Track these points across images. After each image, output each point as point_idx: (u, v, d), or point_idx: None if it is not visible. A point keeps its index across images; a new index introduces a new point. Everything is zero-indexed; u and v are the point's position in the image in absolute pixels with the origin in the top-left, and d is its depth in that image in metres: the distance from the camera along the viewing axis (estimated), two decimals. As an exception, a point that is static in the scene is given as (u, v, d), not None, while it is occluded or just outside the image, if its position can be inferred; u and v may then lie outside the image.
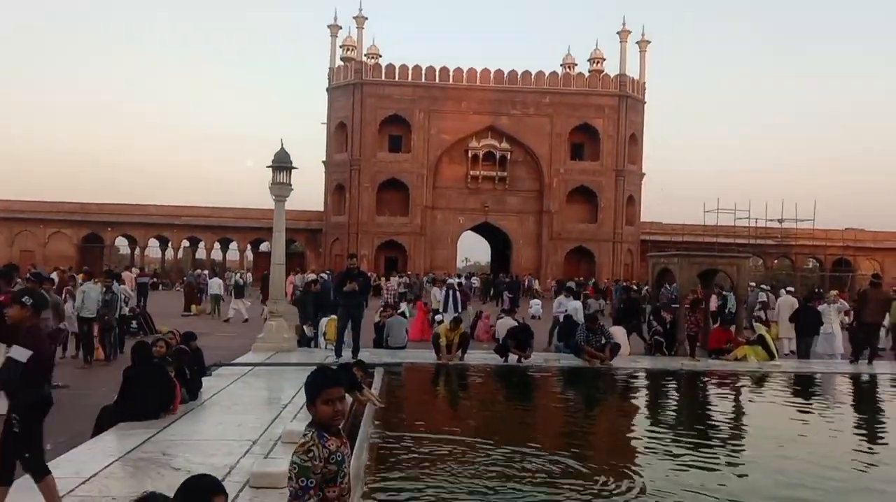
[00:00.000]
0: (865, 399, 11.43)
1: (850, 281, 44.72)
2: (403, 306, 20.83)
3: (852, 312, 15.79)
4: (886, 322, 15.30)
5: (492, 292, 34.48)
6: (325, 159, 47.20)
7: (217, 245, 49.59)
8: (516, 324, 14.06)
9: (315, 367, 3.49)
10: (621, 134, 45.98)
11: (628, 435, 8.32)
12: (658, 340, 14.20)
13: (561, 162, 45.63)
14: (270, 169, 12.81)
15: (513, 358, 12.30)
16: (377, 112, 44.83)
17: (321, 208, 47.91)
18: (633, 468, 6.44)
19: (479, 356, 12.99)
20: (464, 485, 5.58)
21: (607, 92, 45.95)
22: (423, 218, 45.14)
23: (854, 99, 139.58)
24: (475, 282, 39.75)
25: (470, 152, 45.19)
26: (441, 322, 13.96)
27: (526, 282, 37.07)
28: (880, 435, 8.68)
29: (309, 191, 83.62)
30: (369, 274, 21.74)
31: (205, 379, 8.97)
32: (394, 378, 10.71)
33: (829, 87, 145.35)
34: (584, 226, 46.32)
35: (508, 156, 45.41)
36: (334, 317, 12.90)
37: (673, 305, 15.21)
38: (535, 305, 25.77)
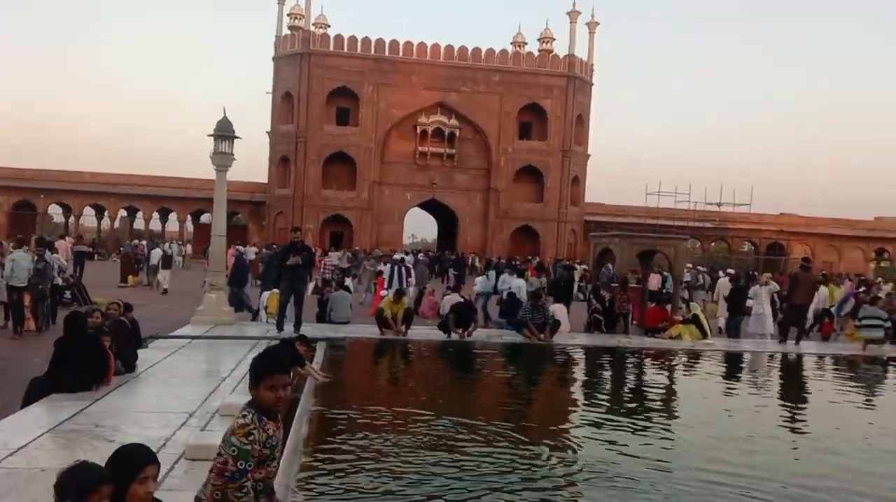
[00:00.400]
0: (791, 376, 11.97)
1: (782, 264, 46.50)
2: (348, 281, 20.72)
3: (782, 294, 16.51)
4: (814, 303, 16.09)
5: (437, 269, 34.58)
6: (269, 130, 46.30)
7: (156, 215, 48.25)
8: (461, 300, 14.19)
9: (255, 341, 3.48)
10: (569, 115, 46.42)
11: (568, 408, 8.53)
12: (597, 318, 14.55)
13: (509, 141, 45.84)
14: (212, 138, 12.50)
15: (455, 334, 12.41)
16: (325, 83, 44.12)
17: (265, 180, 47.06)
18: (573, 440, 6.64)
19: (423, 331, 13.06)
20: (403, 454, 5.64)
21: (556, 72, 46.25)
22: (370, 193, 44.85)
23: (792, 88, 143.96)
24: (421, 258, 39.75)
25: (419, 128, 44.97)
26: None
27: (469, 260, 37.27)
28: (801, 409, 9.14)
29: (253, 163, 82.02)
30: (314, 248, 21.50)
31: (141, 352, 8.79)
32: (337, 352, 10.69)
33: (768, 77, 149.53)
34: (530, 206, 46.77)
35: (457, 134, 45.37)
36: (276, 290, 12.76)
37: (612, 284, 15.56)
38: (480, 282, 25.93)
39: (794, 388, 10.93)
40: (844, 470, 6.09)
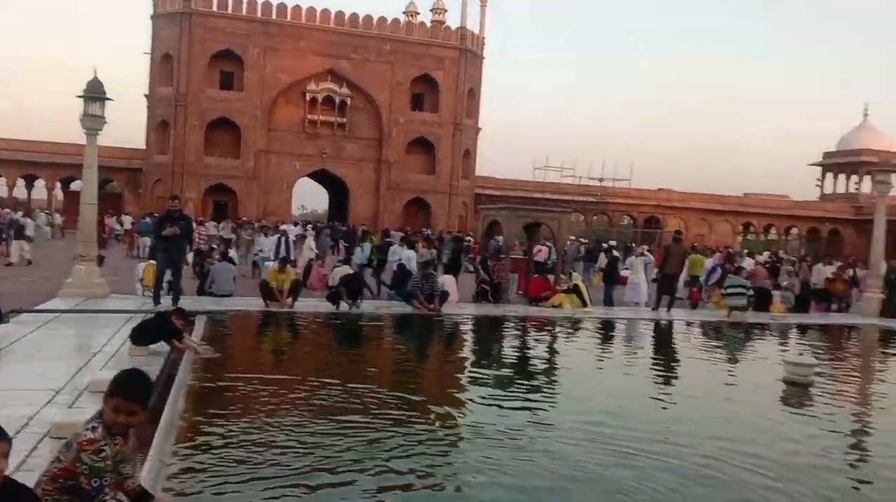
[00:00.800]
0: (662, 341, 12.73)
1: (658, 237, 49.10)
2: (232, 252, 20.05)
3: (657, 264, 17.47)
4: (685, 273, 17.15)
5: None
6: (147, 93, 43.70)
7: (21, 182, 44.66)
8: (351, 272, 14.07)
9: (129, 315, 3.35)
10: (460, 87, 46.64)
11: (453, 374, 8.69)
12: (484, 288, 14.84)
13: (401, 111, 45.57)
14: (82, 99, 11.64)
15: (344, 305, 12.32)
16: (207, 45, 42.03)
17: (143, 146, 44.49)
18: (457, 404, 6.79)
19: (311, 303, 12.88)
20: (286, 426, 5.56)
21: (448, 44, 46.25)
22: (257, 161, 43.42)
23: (670, 71, 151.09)
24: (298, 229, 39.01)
25: (308, 95, 43.84)
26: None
27: (359, 232, 36.97)
28: (671, 370, 9.78)
29: (130, 128, 77.23)
30: (194, 218, 20.58)
31: (2, 327, 8.17)
32: (218, 326, 10.35)
33: (650, 58, 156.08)
34: (421, 178, 46.83)
35: (348, 102, 44.61)
36: (153, 262, 12.17)
37: (500, 256, 15.91)
38: (356, 254, 25.75)
39: (664, 352, 11.64)
40: (707, 420, 6.60)
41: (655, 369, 9.90)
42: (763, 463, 5.35)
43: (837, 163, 59.64)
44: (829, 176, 61.55)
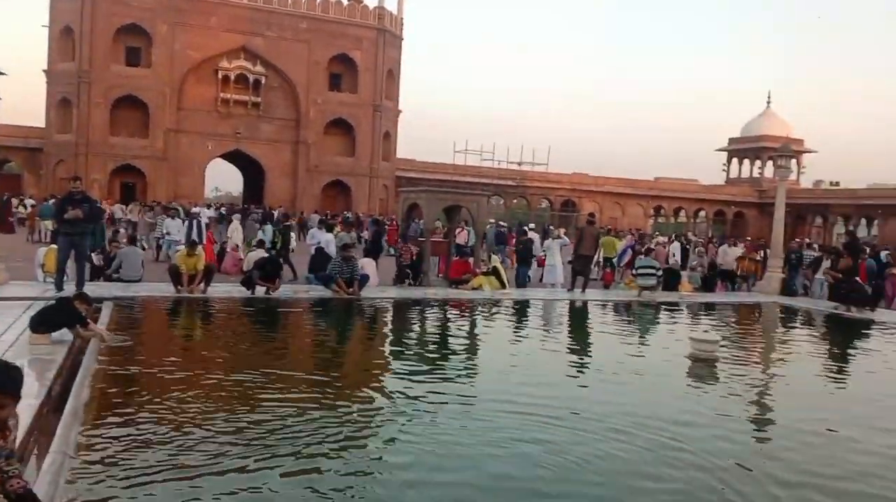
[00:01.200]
0: (577, 321, 13.06)
1: (574, 220, 50.31)
2: (142, 237, 19.25)
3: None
4: (599, 255, 17.65)
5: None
6: (46, 68, 41.16)
7: None
8: (266, 256, 13.75)
9: (29, 303, 3.18)
10: (379, 68, 46.17)
11: (372, 357, 8.65)
12: (404, 271, 14.81)
13: (319, 92, 44.73)
14: (-31, 71, 10.83)
15: (260, 290, 12.04)
16: (111, 19, 39.97)
17: (43, 124, 41.95)
18: (376, 386, 6.76)
19: (225, 289, 12.51)
20: (195, 413, 5.39)
21: (366, 24, 45.64)
22: (166, 141, 41.76)
23: (586, 57, 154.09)
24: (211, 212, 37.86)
25: (220, 73, 42.42)
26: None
27: (276, 215, 36.21)
28: (586, 348, 10.07)
29: (28, 105, 72.68)
30: (99, 201, 19.61)
31: None
32: (125, 312, 9.91)
33: (568, 40, 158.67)
34: (341, 160, 46.21)
35: (263, 81, 43.42)
36: (54, 246, 11.52)
37: (420, 238, 15.89)
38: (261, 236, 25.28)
39: (579, 330, 11.95)
40: (618, 393, 6.81)
41: (570, 347, 10.23)
42: (671, 432, 5.61)
43: (742, 148, 62.58)
44: (735, 161, 64.51)
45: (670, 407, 6.58)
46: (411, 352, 8.87)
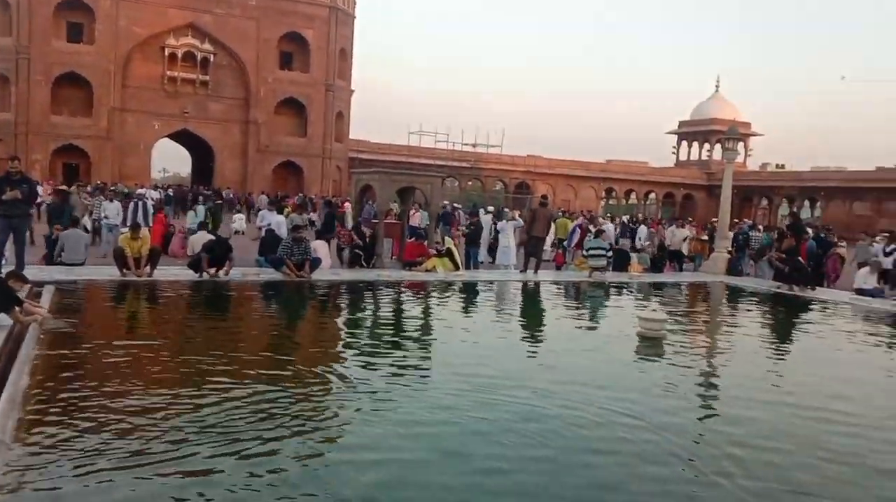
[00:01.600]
0: (530, 301, 13.18)
1: (528, 202, 50.68)
2: (85, 219, 18.64)
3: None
4: (552, 236, 17.81)
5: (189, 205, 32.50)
6: (-19, 43, 39.42)
7: None
8: (213, 238, 13.46)
9: None
10: (331, 47, 45.50)
11: (328, 342, 8.56)
12: (357, 253, 14.70)
13: (269, 70, 43.90)
14: None
15: (207, 273, 11.80)
16: (51, -8, 38.42)
17: (-22, 102, 40.23)
18: (335, 370, 6.69)
19: (172, 272, 12.22)
20: (140, 398, 5.27)
21: (318, 1, 44.86)
22: (111, 120, 40.51)
23: (540, 42, 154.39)
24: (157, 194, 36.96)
25: (167, 50, 41.24)
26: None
27: (225, 196, 35.54)
28: (539, 328, 10.20)
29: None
30: (40, 182, 18.92)
31: None
32: (69, 296, 9.60)
33: (522, 22, 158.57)
34: (292, 140, 45.53)
35: (211, 59, 42.40)
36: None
37: (373, 220, 15.77)
38: (239, 220, 24.93)
39: (532, 310, 12.07)
40: (570, 369, 6.92)
41: (523, 326, 10.34)
42: (621, 405, 5.80)
43: (691, 132, 63.79)
44: (685, 144, 65.74)
45: (620, 383, 6.81)
46: (364, 334, 8.83)
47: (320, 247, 14.09)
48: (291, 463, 4.32)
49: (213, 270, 11.82)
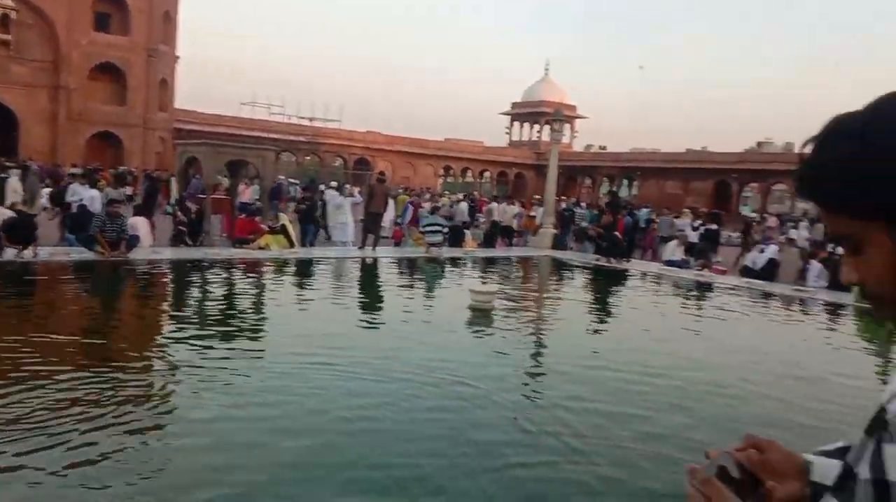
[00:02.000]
0: (368, 277, 13.12)
1: (368, 178, 50.43)
2: None
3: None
4: (392, 213, 17.82)
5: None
6: None
7: None
8: (14, 215, 12.08)
9: None
10: (154, 9, 42.30)
11: (150, 326, 8.00)
12: (181, 230, 13.87)
13: (83, 32, 40.00)
14: None
15: (10, 252, 10.59)
16: None
17: None
18: (163, 357, 6.29)
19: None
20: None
21: (138, -41, 41.41)
22: None
23: (382, 10, 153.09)
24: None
25: (-44, 3, 36.27)
26: None
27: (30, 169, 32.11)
28: (377, 303, 10.24)
29: None
30: None
31: None
32: None
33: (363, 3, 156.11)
34: (109, 108, 41.95)
35: (12, 16, 37.87)
36: None
37: (200, 195, 14.92)
38: (45, 194, 22.57)
39: (370, 287, 12.03)
40: (406, 341, 6.95)
41: (361, 302, 10.35)
42: (456, 372, 6.07)
43: (522, 113, 66.43)
44: (517, 125, 68.36)
45: (454, 352, 7.07)
46: (190, 316, 8.36)
47: (140, 225, 13.10)
48: (113, 452, 4.02)
49: (15, 251, 10.62)
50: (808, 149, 0.83)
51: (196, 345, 6.60)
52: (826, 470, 0.91)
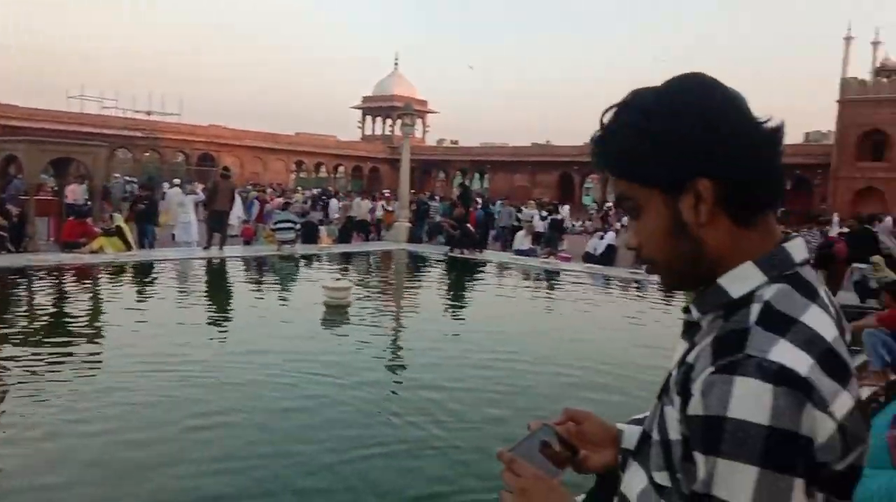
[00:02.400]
0: (216, 279, 12.56)
1: (213, 175, 48.24)
2: None
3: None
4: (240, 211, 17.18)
5: None
6: None
7: None
8: None
9: None
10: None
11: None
12: (1, 235, 12.60)
13: None
14: None
15: None
16: None
17: None
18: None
19: None
20: None
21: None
22: None
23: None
24: None
25: None
26: None
27: None
28: (227, 304, 9.86)
29: None
30: None
31: None
32: None
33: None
34: None
35: None
36: None
37: (22, 196, 13.61)
38: None
39: (218, 288, 11.53)
40: (256, 341, 6.75)
41: (209, 304, 9.94)
42: (315, 367, 6.12)
43: (374, 107, 66.33)
44: (369, 118, 68.16)
45: (309, 350, 7.01)
46: (18, 331, 7.53)
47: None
48: None
49: None
50: (607, 117, 0.88)
51: (23, 362, 6.07)
52: (633, 437, 0.98)
